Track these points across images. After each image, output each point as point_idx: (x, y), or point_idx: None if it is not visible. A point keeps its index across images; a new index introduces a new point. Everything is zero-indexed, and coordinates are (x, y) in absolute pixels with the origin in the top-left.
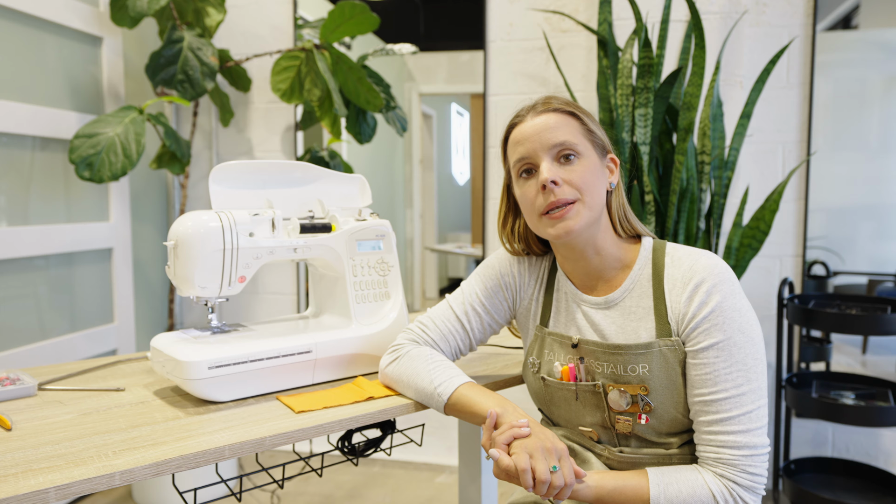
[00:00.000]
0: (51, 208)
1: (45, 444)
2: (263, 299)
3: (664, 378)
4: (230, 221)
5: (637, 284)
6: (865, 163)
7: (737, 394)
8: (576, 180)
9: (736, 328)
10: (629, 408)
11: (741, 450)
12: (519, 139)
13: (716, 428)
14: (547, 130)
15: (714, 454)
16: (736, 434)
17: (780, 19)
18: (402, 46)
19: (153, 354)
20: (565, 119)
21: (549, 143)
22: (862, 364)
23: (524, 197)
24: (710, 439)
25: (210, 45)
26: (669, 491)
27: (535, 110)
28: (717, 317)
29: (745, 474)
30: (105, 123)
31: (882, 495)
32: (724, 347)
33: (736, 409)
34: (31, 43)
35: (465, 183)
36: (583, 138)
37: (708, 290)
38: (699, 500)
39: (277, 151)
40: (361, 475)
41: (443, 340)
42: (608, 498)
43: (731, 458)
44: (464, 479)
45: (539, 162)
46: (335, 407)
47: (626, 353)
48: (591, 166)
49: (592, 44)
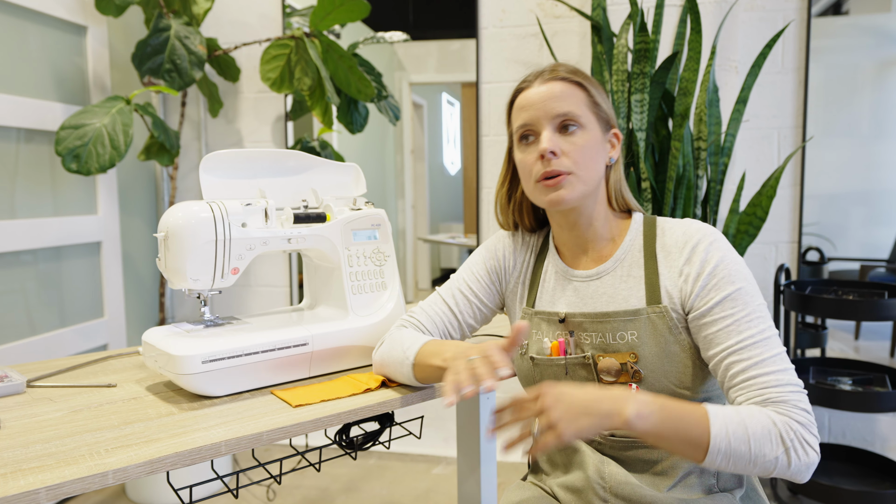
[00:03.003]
0: (37, 202)
1: (35, 443)
2: (255, 292)
3: (654, 345)
4: (222, 212)
5: (628, 254)
6: (857, 149)
7: (763, 338)
8: (574, 153)
9: (742, 278)
10: (619, 377)
11: (786, 386)
12: (523, 105)
13: (753, 372)
14: (552, 99)
15: (760, 397)
16: (776, 373)
17: (775, 3)
18: (392, 34)
19: (145, 349)
20: (572, 89)
21: (553, 112)
22: (855, 349)
23: (523, 162)
24: (750, 384)
25: (198, 34)
26: (727, 413)
27: (542, 77)
28: (723, 270)
29: (798, 409)
30: (91, 114)
31: (879, 480)
32: (738, 297)
33: (768, 352)
34: (13, 32)
35: (456, 173)
36: (587, 110)
37: (706, 248)
38: (759, 426)
39: (268, 142)
40: (358, 468)
41: (431, 324)
42: (668, 406)
43: (780, 396)
44: (462, 471)
45: (540, 130)
46: (333, 400)
47: (614, 319)
48: (592, 139)
49: (586, 29)
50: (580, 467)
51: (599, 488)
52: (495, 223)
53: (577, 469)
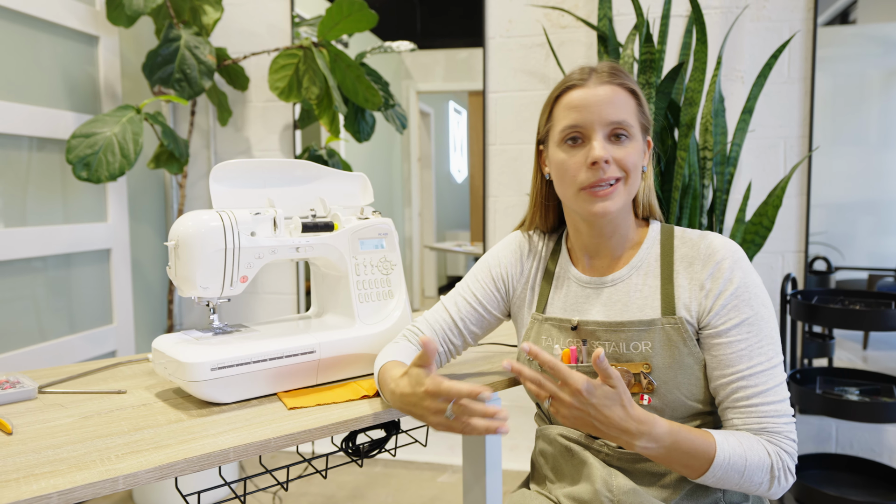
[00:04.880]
0: (48, 209)
1: (47, 449)
2: (263, 300)
3: (667, 356)
4: (231, 221)
5: (644, 263)
6: (865, 158)
7: (770, 366)
8: (623, 161)
9: (760, 303)
10: (631, 387)
11: (782, 417)
12: (575, 104)
13: (757, 400)
14: (609, 104)
15: (758, 425)
16: (776, 403)
17: (781, 14)
18: (399, 44)
19: (154, 356)
20: (626, 96)
21: (608, 118)
22: (863, 360)
23: (565, 165)
24: (752, 411)
25: (207, 44)
26: (731, 443)
27: (598, 77)
28: (744, 293)
29: (788, 441)
30: (102, 123)
31: (887, 491)
32: (754, 322)
33: (772, 381)
34: (26, 43)
35: (463, 181)
36: (636, 119)
37: (731, 267)
38: (756, 456)
39: (276, 150)
40: (364, 475)
41: (430, 332)
42: (680, 443)
43: (776, 426)
44: (467, 479)
45: (592, 135)
46: (328, 405)
47: (628, 329)
48: (638, 149)
49: (592, 40)
50: (587, 479)
51: (607, 500)
52: (502, 231)
53: (584, 481)
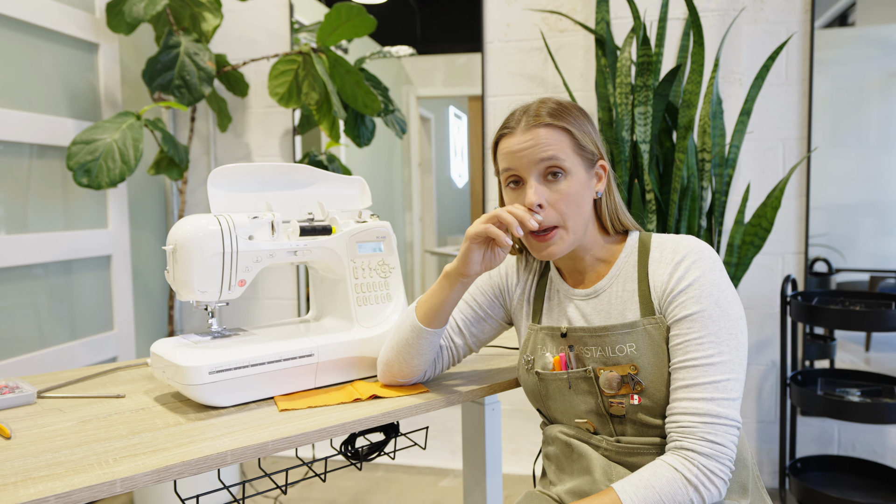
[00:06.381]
0: (49, 216)
1: (45, 452)
2: (263, 304)
3: (652, 356)
4: (229, 225)
5: (623, 271)
6: (864, 159)
7: (705, 363)
8: (560, 203)
9: (713, 302)
10: (620, 389)
11: (701, 417)
12: (507, 151)
13: (680, 394)
14: (536, 147)
15: (674, 422)
16: (698, 401)
17: (778, 16)
18: (398, 49)
19: (153, 360)
20: (556, 134)
21: (537, 157)
22: (865, 361)
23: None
24: (673, 406)
25: (207, 50)
26: (633, 483)
27: (527, 122)
28: (695, 290)
29: (703, 441)
30: (102, 130)
31: (890, 493)
32: (697, 318)
33: (702, 378)
34: (27, 50)
35: (463, 185)
36: (571, 154)
37: (688, 266)
38: (664, 479)
39: (276, 156)
40: (365, 480)
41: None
42: None
43: (690, 425)
44: (468, 483)
45: (526, 178)
46: (320, 407)
47: (612, 333)
48: (578, 183)
49: (590, 43)
50: (588, 472)
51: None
52: None
53: (585, 474)
